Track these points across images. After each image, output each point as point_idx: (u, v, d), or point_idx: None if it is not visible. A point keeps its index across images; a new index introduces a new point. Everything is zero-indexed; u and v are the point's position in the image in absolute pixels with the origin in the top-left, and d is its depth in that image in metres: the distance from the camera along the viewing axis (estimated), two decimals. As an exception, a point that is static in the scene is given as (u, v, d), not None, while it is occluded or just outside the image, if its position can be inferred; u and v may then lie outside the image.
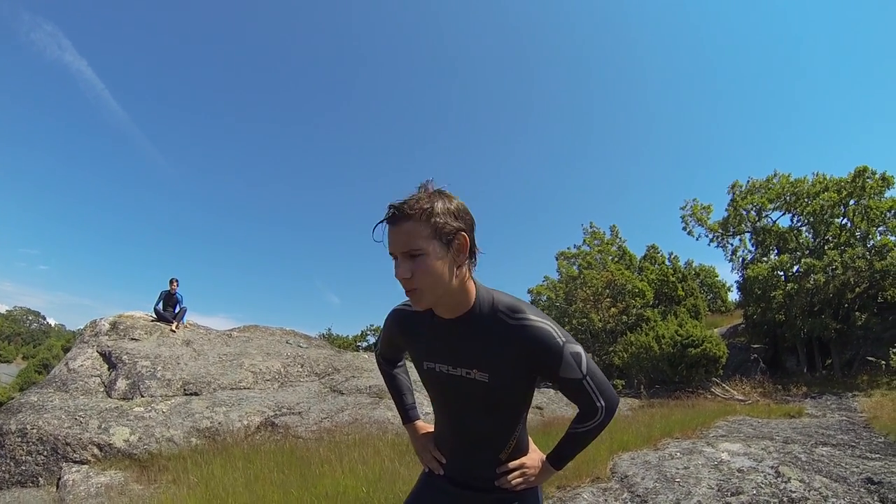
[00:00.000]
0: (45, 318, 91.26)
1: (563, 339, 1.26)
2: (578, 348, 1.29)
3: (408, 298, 1.26)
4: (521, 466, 1.44)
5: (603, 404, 1.34)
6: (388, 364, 1.77)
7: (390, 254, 1.23)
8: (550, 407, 11.11)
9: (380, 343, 1.74)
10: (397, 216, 1.18)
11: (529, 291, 30.05)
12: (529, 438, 1.53)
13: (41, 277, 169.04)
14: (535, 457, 1.48)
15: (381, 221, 1.21)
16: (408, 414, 1.72)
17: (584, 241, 28.15)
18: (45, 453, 6.08)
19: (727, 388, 16.16)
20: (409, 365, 2.59)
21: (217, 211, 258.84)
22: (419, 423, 1.70)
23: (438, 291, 1.21)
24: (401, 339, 1.55)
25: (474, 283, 1.31)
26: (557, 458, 1.46)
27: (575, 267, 27.01)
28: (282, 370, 9.81)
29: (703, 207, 23.94)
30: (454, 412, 1.44)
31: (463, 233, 1.22)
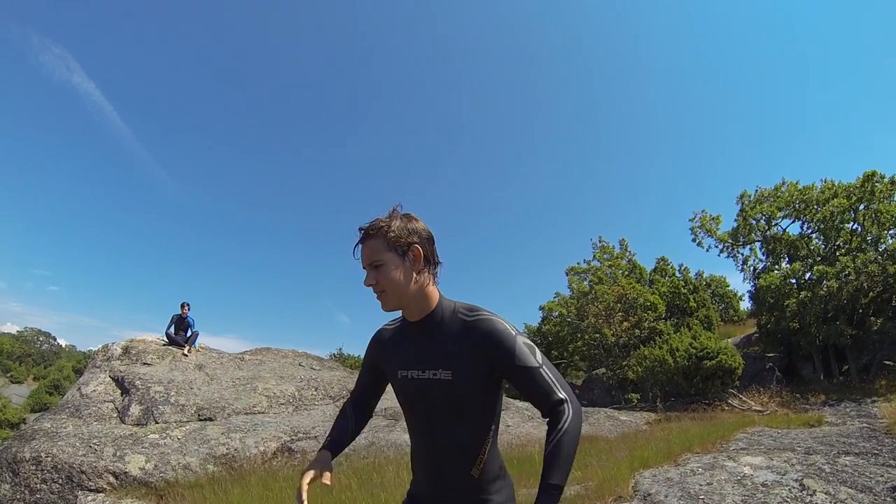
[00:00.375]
0: (55, 339, 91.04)
1: (516, 331, 1.41)
2: (531, 342, 1.42)
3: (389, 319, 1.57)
4: None
5: (565, 396, 1.35)
6: (352, 408, 1.75)
7: (363, 267, 1.48)
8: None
9: (357, 380, 1.82)
10: (363, 236, 1.47)
11: (541, 308, 29.90)
12: (504, 464, 1.55)
13: (51, 298, 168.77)
14: None
15: (357, 243, 1.49)
16: (326, 441, 1.66)
17: (594, 255, 27.97)
18: (60, 481, 6.07)
19: (744, 398, 15.92)
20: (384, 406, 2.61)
21: (225, 231, 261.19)
22: (326, 453, 1.60)
23: (399, 294, 1.45)
24: (379, 354, 1.67)
25: (438, 292, 1.52)
26: (549, 487, 1.26)
27: (586, 282, 26.81)
28: (296, 393, 9.79)
29: (713, 218, 23.79)
30: (424, 421, 1.51)
31: (416, 245, 1.44)
